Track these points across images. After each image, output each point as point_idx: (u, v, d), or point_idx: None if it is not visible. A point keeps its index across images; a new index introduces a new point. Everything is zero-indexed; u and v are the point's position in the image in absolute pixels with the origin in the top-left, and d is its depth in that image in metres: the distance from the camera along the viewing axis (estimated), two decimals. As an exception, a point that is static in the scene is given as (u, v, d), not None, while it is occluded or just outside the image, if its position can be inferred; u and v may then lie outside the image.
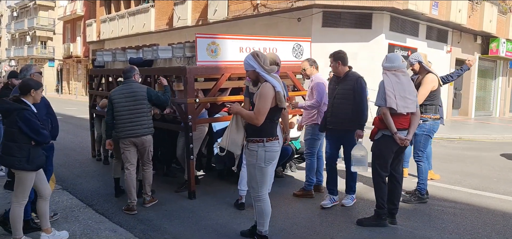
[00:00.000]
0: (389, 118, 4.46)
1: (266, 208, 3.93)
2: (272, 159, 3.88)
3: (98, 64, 8.15)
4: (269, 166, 3.89)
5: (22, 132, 3.81)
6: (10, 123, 3.83)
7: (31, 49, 46.70)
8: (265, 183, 3.92)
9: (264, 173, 3.87)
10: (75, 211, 5.06)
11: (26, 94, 3.93)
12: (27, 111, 3.84)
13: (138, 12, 25.01)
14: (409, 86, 4.58)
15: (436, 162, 8.71)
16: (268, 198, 3.97)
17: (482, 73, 22.53)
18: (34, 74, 4.66)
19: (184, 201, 5.47)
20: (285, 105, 3.81)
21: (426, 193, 5.76)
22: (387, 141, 4.55)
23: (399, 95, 4.46)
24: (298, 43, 6.92)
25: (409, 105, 4.52)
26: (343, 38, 15.63)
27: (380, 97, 4.52)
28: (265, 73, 3.76)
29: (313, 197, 5.78)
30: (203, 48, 5.79)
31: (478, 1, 19.15)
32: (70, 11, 37.39)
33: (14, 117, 3.80)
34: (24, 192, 3.89)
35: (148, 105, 5.11)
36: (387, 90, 4.46)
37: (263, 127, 3.74)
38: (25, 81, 4.08)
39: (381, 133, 4.59)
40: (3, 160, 3.92)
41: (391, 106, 4.44)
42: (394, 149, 4.59)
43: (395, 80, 4.52)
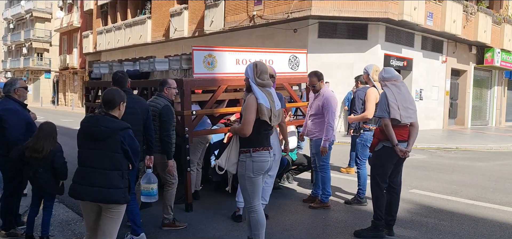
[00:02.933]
0: (391, 130, 4.46)
1: (260, 219, 3.90)
2: (261, 169, 3.86)
3: (95, 76, 8.14)
4: (258, 177, 3.87)
5: (127, 155, 3.27)
6: (109, 146, 3.19)
7: (27, 60, 46.67)
8: (257, 194, 3.90)
9: (254, 183, 3.85)
10: (71, 224, 5.03)
11: (114, 109, 3.33)
12: (130, 130, 3.31)
13: (134, 23, 25.09)
14: (409, 96, 4.62)
15: (433, 172, 8.73)
16: (262, 210, 3.95)
17: (477, 83, 22.67)
18: (18, 89, 4.49)
19: (181, 213, 5.44)
20: (266, 119, 3.77)
21: (365, 197, 6.01)
22: (387, 152, 4.55)
23: (401, 105, 4.48)
24: (294, 55, 6.95)
25: (411, 115, 4.55)
26: (339, 49, 15.73)
27: (383, 109, 4.51)
28: (254, 85, 3.81)
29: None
30: (200, 60, 5.81)
31: (473, 12, 19.33)
32: (66, 23, 37.45)
33: (118, 139, 3.20)
34: (117, 230, 3.33)
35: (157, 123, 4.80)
36: (391, 101, 4.46)
37: (250, 137, 3.77)
38: (111, 93, 3.37)
39: (381, 144, 4.60)
40: (105, 195, 3.14)
41: (395, 117, 4.45)
42: (394, 161, 4.60)
43: (396, 90, 4.54)
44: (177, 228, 4.90)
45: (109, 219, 3.24)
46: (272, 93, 3.90)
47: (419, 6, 15.79)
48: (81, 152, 3.27)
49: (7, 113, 4.33)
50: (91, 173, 3.17)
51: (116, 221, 3.28)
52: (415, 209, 5.91)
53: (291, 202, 6.10)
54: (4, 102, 4.47)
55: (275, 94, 3.98)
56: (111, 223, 3.25)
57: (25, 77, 47.32)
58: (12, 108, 4.37)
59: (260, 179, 3.90)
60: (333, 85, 12.25)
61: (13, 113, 4.35)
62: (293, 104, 6.94)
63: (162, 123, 4.75)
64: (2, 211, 4.48)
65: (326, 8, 14.92)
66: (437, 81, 19.26)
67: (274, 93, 3.95)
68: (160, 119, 4.76)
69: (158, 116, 4.77)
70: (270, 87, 3.90)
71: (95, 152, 3.19)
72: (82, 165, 3.25)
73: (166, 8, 22.40)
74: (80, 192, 3.17)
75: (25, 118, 4.44)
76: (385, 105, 4.48)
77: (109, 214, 3.23)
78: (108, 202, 3.18)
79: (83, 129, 3.28)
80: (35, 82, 47.36)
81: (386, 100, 4.49)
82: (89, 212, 3.30)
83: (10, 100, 4.45)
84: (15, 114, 4.35)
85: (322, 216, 5.47)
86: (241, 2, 17.62)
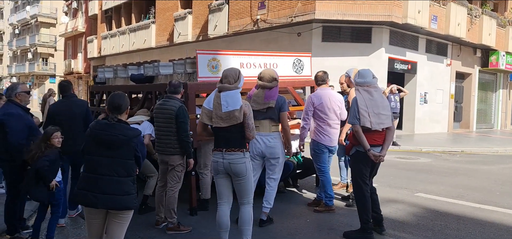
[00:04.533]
0: (361, 136, 4.47)
1: (217, 218, 4.20)
2: (214, 169, 4.14)
3: (100, 80, 8.18)
4: (216, 176, 4.16)
5: (138, 161, 3.28)
6: (123, 154, 3.18)
7: (32, 65, 46.92)
8: (217, 193, 4.19)
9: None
10: (76, 228, 5.04)
11: (122, 114, 3.32)
12: (141, 136, 3.35)
13: (139, 28, 25.17)
14: (382, 102, 4.60)
15: (439, 175, 8.68)
16: (222, 209, 4.17)
17: (482, 86, 22.57)
18: (19, 93, 4.49)
19: (186, 217, 5.43)
20: (205, 121, 4.07)
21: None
22: (361, 156, 4.58)
23: (372, 112, 4.48)
24: (299, 59, 6.94)
25: (383, 121, 4.54)
26: (343, 53, 15.70)
27: (353, 116, 4.51)
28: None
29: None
30: (204, 64, 5.81)
31: (477, 15, 19.26)
32: (71, 28, 37.64)
33: (133, 145, 3.21)
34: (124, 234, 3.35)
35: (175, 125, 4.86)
36: (361, 108, 4.46)
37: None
38: (118, 99, 3.33)
39: (355, 149, 4.63)
40: (118, 202, 3.15)
41: (365, 125, 4.45)
42: (369, 164, 4.64)
43: (367, 97, 4.53)
44: (182, 231, 4.89)
45: (117, 224, 3.25)
46: (226, 95, 3.98)
47: (423, 9, 15.76)
48: (91, 158, 3.23)
49: (8, 117, 4.34)
50: (103, 180, 3.14)
51: (125, 225, 3.30)
52: (421, 212, 5.87)
53: (296, 206, 6.07)
54: (6, 107, 4.50)
55: (233, 96, 3.98)
56: (119, 228, 3.26)
57: (30, 82, 47.60)
58: (13, 113, 4.38)
59: (218, 179, 4.14)
60: (336, 89, 12.20)
61: (15, 117, 4.35)
62: (297, 107, 6.91)
63: (180, 124, 4.82)
64: (6, 216, 4.49)
65: (329, 11, 14.91)
66: (442, 85, 19.18)
67: (232, 95, 3.98)
68: (177, 121, 4.81)
69: (174, 118, 4.81)
70: (227, 90, 4.01)
71: (108, 159, 3.17)
72: (91, 172, 3.20)
73: (170, 12, 22.47)
74: (93, 200, 3.15)
75: (27, 123, 4.45)
76: (356, 112, 4.48)
77: (118, 220, 3.24)
78: (121, 208, 3.19)
79: (97, 135, 3.22)
80: (40, 87, 47.55)
81: (356, 107, 4.49)
82: (96, 219, 3.28)
83: (12, 104, 4.47)
84: (17, 119, 4.36)
85: (327, 220, 5.44)
86: (245, 6, 17.65)
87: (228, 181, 4.14)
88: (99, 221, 3.27)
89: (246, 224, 4.11)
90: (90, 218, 3.30)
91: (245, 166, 4.03)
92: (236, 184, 4.10)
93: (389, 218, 5.49)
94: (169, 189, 4.94)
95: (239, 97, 4.01)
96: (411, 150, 12.88)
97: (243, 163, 4.01)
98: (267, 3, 16.67)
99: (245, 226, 4.11)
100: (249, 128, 4.06)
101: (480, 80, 21.99)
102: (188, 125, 4.90)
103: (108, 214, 3.24)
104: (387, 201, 6.37)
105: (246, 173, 4.05)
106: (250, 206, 4.13)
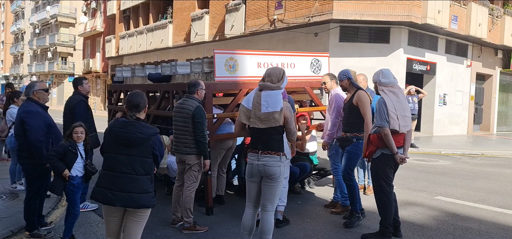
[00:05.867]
0: (391, 140, 4.40)
1: (242, 220, 4.05)
2: (248, 171, 4.00)
3: (117, 79, 8.23)
4: (248, 180, 4.02)
5: (156, 160, 3.29)
6: (142, 152, 3.20)
7: (52, 64, 47.75)
8: (246, 196, 4.07)
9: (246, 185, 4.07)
10: (93, 226, 5.08)
11: (140, 112, 3.34)
12: (159, 135, 3.36)
13: (156, 28, 25.38)
14: (405, 103, 4.55)
15: (459, 178, 8.50)
16: (247, 213, 4.03)
17: (503, 88, 22.09)
18: (37, 91, 4.55)
19: (202, 217, 5.42)
20: (243, 120, 3.96)
21: (361, 211, 5.28)
22: (386, 158, 4.50)
23: (400, 115, 4.41)
24: (316, 59, 6.87)
25: (408, 123, 4.51)
26: (361, 53, 15.54)
27: (382, 118, 4.40)
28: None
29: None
30: (221, 64, 5.80)
31: (499, 15, 18.86)
32: (90, 27, 38.19)
33: (151, 144, 3.23)
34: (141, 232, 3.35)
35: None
36: (391, 112, 4.38)
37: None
38: (136, 97, 3.34)
39: (380, 152, 4.53)
40: (136, 200, 3.14)
41: (394, 128, 4.38)
42: (393, 166, 4.57)
43: (395, 99, 4.46)
44: (198, 231, 4.88)
45: (135, 222, 3.25)
46: (266, 95, 3.82)
47: (443, 9, 15.48)
48: (109, 156, 3.25)
49: (27, 115, 4.40)
50: (121, 178, 3.16)
51: (142, 224, 3.30)
52: (441, 216, 5.75)
53: (312, 208, 6.01)
54: (25, 105, 4.56)
55: (274, 97, 3.83)
56: (137, 226, 3.27)
57: (49, 81, 48.43)
58: (32, 111, 4.43)
59: (249, 182, 4.00)
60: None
61: (34, 115, 4.41)
62: (314, 108, 6.86)
63: (196, 124, 4.82)
64: (26, 212, 4.54)
65: (347, 11, 14.76)
66: (462, 86, 18.83)
67: (273, 96, 3.82)
68: (193, 121, 4.81)
69: (191, 118, 4.81)
70: (268, 89, 3.84)
71: (126, 157, 3.18)
72: (110, 170, 3.22)
73: (187, 12, 22.58)
74: (111, 197, 3.16)
75: (46, 121, 4.50)
76: (385, 115, 4.38)
77: (136, 218, 3.24)
78: (139, 207, 3.20)
79: (116, 134, 3.23)
80: (59, 86, 48.39)
81: (385, 110, 4.38)
82: (114, 217, 3.29)
83: (32, 102, 4.53)
84: (36, 116, 4.41)
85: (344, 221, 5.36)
86: (262, 6, 17.62)
87: (259, 186, 3.96)
88: (117, 219, 3.28)
89: (268, 233, 3.92)
90: (108, 216, 3.31)
91: (279, 170, 3.85)
92: (266, 186, 3.89)
93: (408, 222, 5.39)
94: (186, 188, 4.94)
95: (280, 99, 3.84)
96: (430, 152, 12.66)
97: (278, 166, 3.84)
98: (284, 3, 16.61)
99: (266, 235, 3.92)
100: (290, 132, 3.92)
101: (501, 81, 21.52)
102: (204, 125, 4.88)
103: (126, 212, 3.25)
104: (406, 204, 6.26)
105: (279, 177, 3.87)
106: (273, 215, 3.97)
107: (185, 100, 4.95)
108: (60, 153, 4.20)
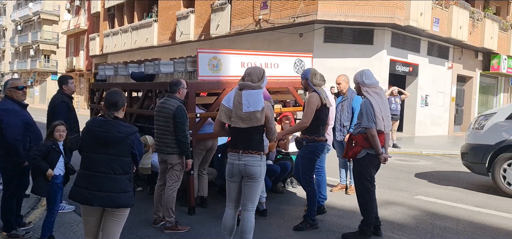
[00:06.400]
0: (377, 140, 4.49)
1: (223, 220, 4.05)
2: (228, 171, 3.97)
3: (100, 78, 8.17)
4: (228, 180, 4.00)
5: (135, 159, 3.26)
6: (120, 151, 3.16)
7: (34, 62, 46.96)
8: (227, 196, 4.05)
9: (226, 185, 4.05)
10: (73, 225, 5.03)
11: (119, 110, 3.28)
12: (138, 133, 3.31)
13: (141, 26, 25.19)
14: (387, 103, 4.70)
15: (439, 178, 8.66)
16: (227, 212, 4.03)
17: (483, 90, 22.53)
18: (9, 89, 4.48)
19: (184, 217, 5.42)
20: (224, 119, 3.95)
21: (315, 218, 5.16)
22: (371, 158, 4.59)
23: (385, 115, 4.54)
24: (300, 59, 6.92)
25: (390, 123, 4.67)
26: (345, 54, 15.68)
27: (370, 119, 4.47)
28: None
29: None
30: (205, 63, 5.80)
31: (479, 18, 19.23)
32: (73, 25, 37.70)
33: (129, 143, 3.19)
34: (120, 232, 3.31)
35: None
36: (377, 113, 4.47)
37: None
38: (115, 95, 3.29)
39: (365, 151, 4.60)
40: (114, 200, 3.12)
41: (380, 129, 4.48)
42: (375, 165, 4.66)
43: (379, 100, 4.56)
44: (180, 231, 4.88)
45: (114, 222, 3.23)
46: (247, 94, 3.81)
47: (425, 12, 15.73)
48: (87, 156, 3.21)
49: (4, 113, 4.36)
50: (99, 177, 3.12)
51: (121, 223, 3.27)
52: (420, 215, 5.85)
53: (294, 207, 6.05)
54: (2, 102, 4.53)
55: (255, 96, 3.81)
56: (115, 226, 3.24)
57: (31, 79, 47.64)
58: (9, 109, 4.39)
59: (230, 182, 3.98)
60: (338, 90, 12.19)
61: (10, 113, 4.36)
62: (298, 108, 6.91)
63: (177, 124, 4.80)
64: (3, 212, 4.48)
65: (332, 12, 14.89)
66: (443, 87, 19.15)
67: (254, 95, 3.81)
68: (174, 120, 4.80)
69: (172, 118, 4.80)
70: (249, 88, 3.84)
71: (104, 156, 3.15)
72: (87, 169, 3.19)
73: (172, 11, 22.47)
74: (88, 197, 3.13)
75: (24, 118, 4.45)
76: (372, 116, 4.46)
77: (114, 217, 3.21)
78: (117, 206, 3.17)
79: (94, 133, 3.20)
80: (42, 84, 47.63)
81: (372, 111, 4.46)
82: (92, 216, 3.26)
83: (9, 100, 4.48)
84: (12, 114, 4.36)
85: (325, 221, 5.41)
86: (247, 6, 17.64)
87: (240, 186, 3.95)
88: (95, 219, 3.26)
89: (248, 232, 3.91)
90: (86, 215, 3.28)
91: (260, 169, 3.85)
92: (246, 186, 3.88)
93: (388, 221, 5.47)
94: (168, 188, 4.93)
95: (261, 98, 3.84)
96: (411, 152, 12.86)
97: (259, 165, 3.84)
98: (269, 3, 16.66)
99: (247, 234, 3.91)
100: (271, 131, 3.94)
101: (481, 83, 21.95)
102: (186, 125, 4.87)
103: (105, 212, 3.23)
104: (386, 203, 6.35)
105: (259, 177, 3.87)
106: (253, 214, 3.96)
107: (166, 99, 4.95)
108: (44, 152, 4.14)
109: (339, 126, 6.54)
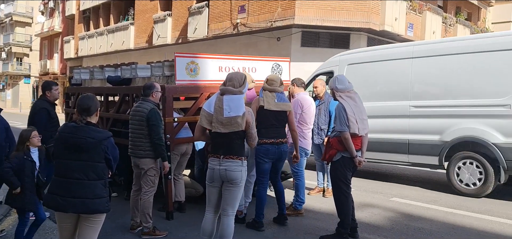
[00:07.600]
0: (351, 143, 4.55)
1: (202, 225, 4.03)
2: (209, 176, 3.95)
3: (75, 82, 8.03)
4: (208, 186, 3.99)
5: (109, 164, 3.22)
6: (93, 157, 3.12)
7: (6, 65, 45.72)
8: (207, 201, 4.04)
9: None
10: (48, 232, 4.93)
11: (92, 116, 3.24)
12: (112, 138, 3.26)
13: (117, 29, 24.87)
14: (362, 106, 4.72)
15: (414, 180, 8.84)
16: (207, 217, 4.01)
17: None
18: None
19: (162, 222, 5.37)
20: (204, 124, 3.90)
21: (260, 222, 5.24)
22: (346, 161, 4.65)
23: (359, 118, 4.59)
24: (277, 63, 6.97)
25: (365, 126, 4.68)
26: (322, 58, 15.74)
27: (342, 123, 4.55)
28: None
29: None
30: (182, 67, 5.78)
31: (452, 23, 19.75)
32: (47, 27, 36.88)
33: (103, 148, 3.14)
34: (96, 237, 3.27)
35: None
36: (350, 116, 4.54)
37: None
38: (87, 100, 3.25)
39: (340, 155, 4.67)
40: (88, 206, 3.07)
41: (355, 132, 4.54)
42: (351, 168, 4.72)
43: (353, 104, 4.62)
44: (158, 236, 4.84)
45: (89, 228, 3.18)
46: (229, 100, 3.82)
47: (400, 17, 16.08)
48: (60, 162, 3.17)
49: None
50: (73, 184, 3.08)
51: (97, 229, 3.23)
52: (396, 217, 5.97)
53: (274, 212, 6.05)
54: None
55: (236, 101, 3.83)
56: (91, 232, 3.20)
57: (3, 83, 46.37)
58: None
59: (210, 187, 3.97)
60: (315, 94, 12.31)
61: None
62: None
63: (151, 127, 4.75)
64: None
65: (309, 17, 15.05)
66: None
67: (235, 100, 3.82)
68: (148, 123, 4.75)
69: (146, 121, 4.75)
70: (230, 93, 3.84)
71: (77, 163, 3.10)
72: (61, 176, 3.14)
73: (149, 14, 22.28)
74: (62, 204, 3.08)
75: (5, 124, 4.36)
76: (345, 120, 4.53)
77: (90, 223, 3.17)
78: (92, 212, 3.13)
79: (65, 139, 3.16)
80: (14, 88, 46.40)
81: (345, 115, 4.54)
82: (67, 223, 3.21)
83: None
84: None
85: (303, 224, 5.47)
86: (225, 10, 17.65)
87: (220, 191, 3.95)
88: (70, 225, 3.21)
89: (228, 237, 3.91)
90: (61, 222, 3.23)
91: (241, 174, 3.85)
92: (227, 191, 3.88)
93: (364, 222, 5.56)
94: (144, 194, 4.88)
95: (242, 103, 3.85)
96: (387, 155, 13.05)
97: (240, 171, 3.84)
98: (247, 7, 16.71)
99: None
100: (251, 137, 3.95)
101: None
102: (160, 127, 4.84)
103: (80, 218, 3.18)
104: (362, 205, 6.45)
105: (240, 182, 3.87)
106: (233, 219, 3.97)
107: (140, 103, 4.92)
108: (17, 165, 3.98)
109: (316, 129, 6.63)
